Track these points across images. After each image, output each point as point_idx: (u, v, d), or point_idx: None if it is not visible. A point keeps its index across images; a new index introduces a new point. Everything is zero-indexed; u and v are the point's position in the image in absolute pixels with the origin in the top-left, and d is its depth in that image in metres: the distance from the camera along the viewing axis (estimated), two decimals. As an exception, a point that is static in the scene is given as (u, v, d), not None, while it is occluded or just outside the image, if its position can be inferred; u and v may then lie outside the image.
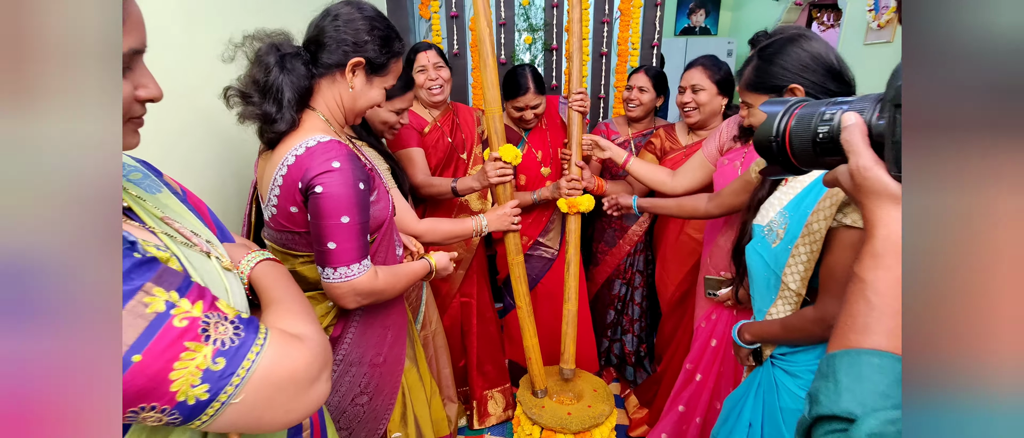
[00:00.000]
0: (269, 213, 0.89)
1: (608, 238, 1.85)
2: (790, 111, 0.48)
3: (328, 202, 0.78)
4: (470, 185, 1.41)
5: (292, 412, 0.47)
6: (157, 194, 0.56)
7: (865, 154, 0.40)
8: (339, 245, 0.80)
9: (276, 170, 0.83)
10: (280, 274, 0.63)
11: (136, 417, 0.41)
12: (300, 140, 0.82)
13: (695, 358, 1.44)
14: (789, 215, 0.95)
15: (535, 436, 1.52)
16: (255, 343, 0.45)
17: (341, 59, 0.86)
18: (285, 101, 0.83)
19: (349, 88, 0.88)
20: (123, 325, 0.38)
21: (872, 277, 0.38)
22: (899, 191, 0.38)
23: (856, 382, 0.35)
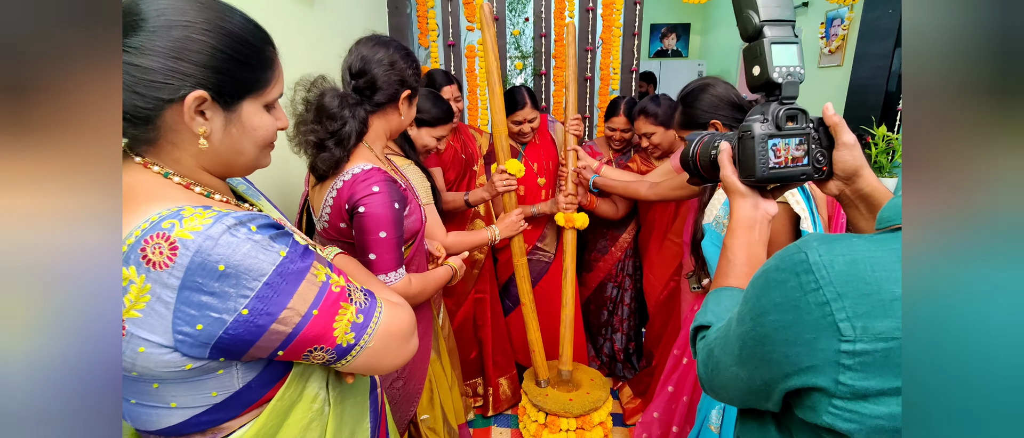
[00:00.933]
0: (321, 226, 1.04)
1: (600, 247, 2.06)
2: (699, 141, 0.73)
3: (369, 220, 0.92)
4: (481, 196, 1.61)
5: (398, 358, 0.63)
6: (259, 201, 0.72)
7: (727, 167, 0.63)
8: (379, 256, 0.93)
9: (327, 193, 0.97)
10: (357, 263, 0.81)
11: (309, 356, 0.56)
12: (348, 168, 0.95)
13: (682, 344, 1.64)
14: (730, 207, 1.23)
15: (540, 421, 1.70)
16: (377, 306, 0.60)
17: (393, 96, 1.00)
18: (350, 145, 0.96)
19: (399, 117, 1.03)
20: (303, 290, 0.52)
21: (729, 243, 0.62)
22: (742, 189, 0.61)
23: (715, 306, 0.57)
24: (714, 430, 1.28)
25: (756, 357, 0.46)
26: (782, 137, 0.58)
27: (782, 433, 0.51)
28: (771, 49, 0.58)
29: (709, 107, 1.26)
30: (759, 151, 0.58)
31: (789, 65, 0.58)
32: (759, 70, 0.58)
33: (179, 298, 0.48)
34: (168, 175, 0.55)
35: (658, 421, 1.69)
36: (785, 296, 0.41)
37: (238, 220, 0.50)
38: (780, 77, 0.57)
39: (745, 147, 0.59)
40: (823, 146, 0.61)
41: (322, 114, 0.95)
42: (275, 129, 0.62)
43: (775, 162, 0.58)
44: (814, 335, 0.39)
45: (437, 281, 1.16)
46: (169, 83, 0.50)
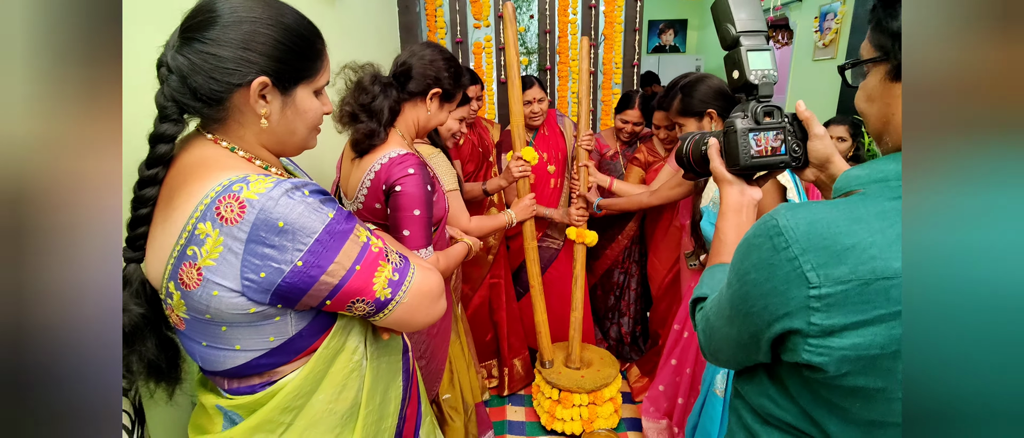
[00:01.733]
0: (355, 207, 1.13)
1: (608, 235, 2.17)
2: (690, 139, 0.83)
3: (405, 198, 1.00)
4: (498, 184, 1.72)
5: (428, 316, 0.71)
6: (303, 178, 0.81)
7: (715, 159, 0.73)
8: (412, 233, 1.01)
9: (365, 174, 1.05)
10: (390, 238, 0.89)
11: (352, 307, 0.64)
12: (384, 151, 1.05)
13: (682, 319, 1.76)
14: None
15: (554, 398, 1.81)
16: (411, 267, 0.68)
17: (424, 89, 1.11)
18: (384, 121, 1.07)
19: (426, 111, 1.14)
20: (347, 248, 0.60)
21: (721, 225, 0.71)
22: (729, 177, 0.70)
23: (709, 279, 0.67)
24: (720, 394, 1.40)
25: (742, 313, 0.52)
26: (761, 130, 0.69)
27: (773, 380, 0.59)
28: (747, 55, 0.68)
29: (705, 97, 1.38)
30: (742, 143, 0.68)
31: (764, 68, 0.68)
32: (738, 74, 0.69)
33: (246, 249, 0.56)
34: (234, 149, 0.65)
35: (664, 394, 1.80)
36: (761, 257, 0.48)
37: (294, 185, 0.59)
38: (756, 79, 0.68)
39: (729, 140, 0.70)
40: (798, 138, 0.71)
41: (358, 89, 1.07)
42: (322, 113, 0.71)
43: (756, 151, 0.69)
44: (787, 286, 0.46)
45: (457, 258, 1.22)
46: (239, 69, 0.59)
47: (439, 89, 1.13)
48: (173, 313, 0.64)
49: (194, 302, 0.60)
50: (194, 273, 0.58)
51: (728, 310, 0.55)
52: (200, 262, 0.57)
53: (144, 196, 0.61)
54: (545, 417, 1.84)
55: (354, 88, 1.09)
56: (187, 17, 0.61)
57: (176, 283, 0.59)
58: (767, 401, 0.57)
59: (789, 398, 0.54)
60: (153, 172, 0.61)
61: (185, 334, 0.66)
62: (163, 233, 0.60)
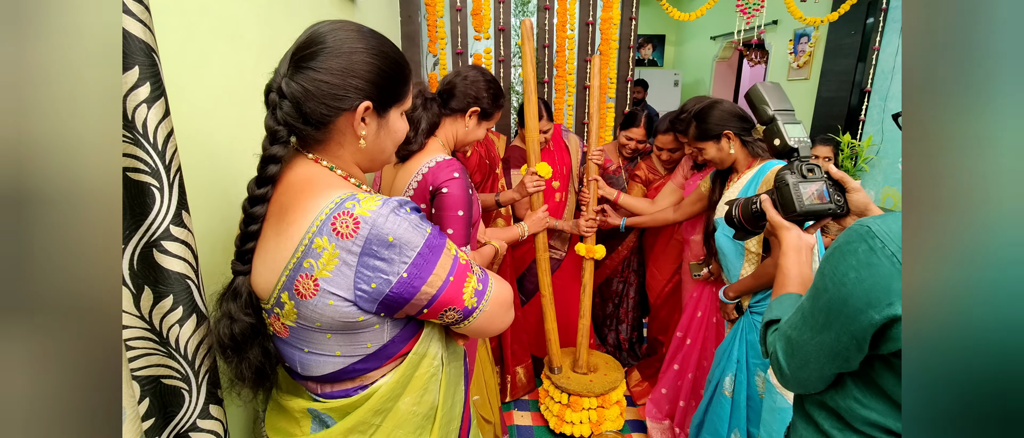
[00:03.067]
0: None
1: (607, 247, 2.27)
2: (737, 205, 0.99)
3: (450, 200, 1.08)
4: (511, 197, 1.79)
5: (503, 323, 0.77)
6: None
7: (772, 210, 0.87)
8: (455, 232, 1.08)
9: (412, 177, 1.13)
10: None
11: (444, 315, 0.68)
12: (430, 156, 1.14)
13: (684, 327, 1.88)
14: None
15: (563, 402, 1.88)
16: (490, 279, 0.73)
17: (464, 107, 1.22)
18: (421, 130, 1.18)
19: (465, 126, 1.25)
20: (443, 261, 0.66)
21: (783, 264, 0.83)
22: (788, 224, 0.84)
23: (780, 306, 0.78)
24: (727, 395, 1.51)
25: (842, 316, 0.59)
26: (808, 182, 0.84)
27: (861, 382, 0.64)
28: (784, 127, 0.89)
29: (720, 120, 1.50)
30: (795, 193, 0.83)
31: (799, 136, 0.88)
32: (779, 141, 0.89)
33: (359, 262, 0.61)
34: (333, 168, 0.71)
35: (666, 397, 1.92)
36: (859, 259, 0.56)
37: (400, 203, 0.64)
38: (795, 144, 0.88)
39: (783, 193, 0.85)
40: (838, 190, 0.86)
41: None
42: (406, 130, 0.78)
43: (807, 200, 0.83)
44: (889, 279, 0.54)
45: (485, 258, 1.32)
46: (347, 95, 0.65)
47: (478, 108, 1.24)
48: (278, 321, 0.68)
49: (308, 311, 0.64)
50: (310, 284, 0.63)
51: (823, 318, 0.62)
52: (316, 273, 0.62)
53: (255, 213, 0.66)
54: (554, 421, 1.91)
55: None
56: (299, 47, 0.66)
57: (290, 293, 0.64)
58: (854, 403, 0.64)
59: (879, 395, 0.62)
60: (263, 191, 0.66)
61: (286, 341, 0.70)
62: (276, 248, 0.65)
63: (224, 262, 0.87)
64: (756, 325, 1.46)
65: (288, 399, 0.76)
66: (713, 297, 1.81)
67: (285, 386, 0.79)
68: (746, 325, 1.48)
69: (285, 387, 0.79)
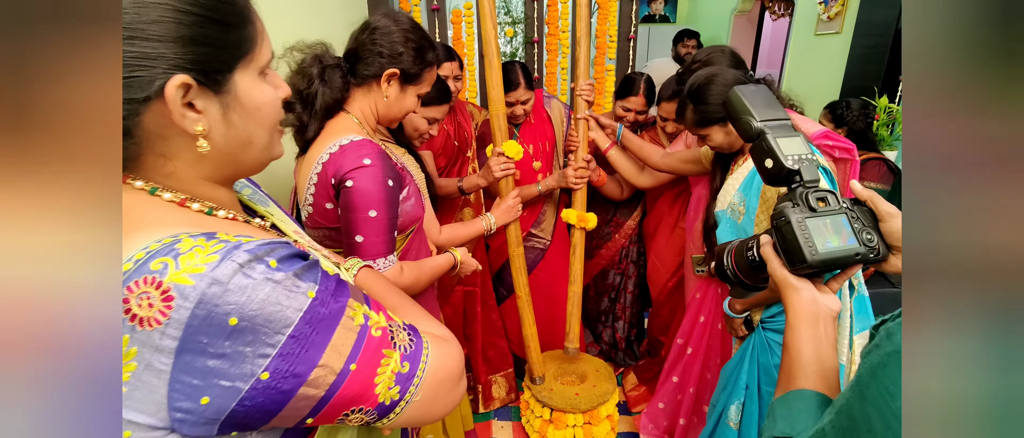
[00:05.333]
0: (306, 213, 0.96)
1: (604, 233, 2.00)
2: (729, 251, 0.71)
3: (358, 196, 0.85)
4: (476, 182, 1.51)
5: (447, 405, 0.53)
6: (268, 208, 0.61)
7: (773, 260, 0.59)
8: (367, 239, 0.86)
9: (312, 168, 0.90)
10: (385, 280, 0.69)
11: (345, 420, 0.46)
12: (334, 139, 0.89)
13: (685, 333, 1.62)
14: (744, 194, 1.19)
15: (545, 417, 1.65)
16: (424, 347, 0.50)
17: (376, 71, 0.94)
18: (317, 108, 0.92)
19: (384, 97, 0.96)
20: (338, 340, 0.43)
21: (792, 342, 0.56)
22: (794, 281, 0.57)
23: (787, 412, 0.51)
24: (733, 426, 1.26)
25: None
26: (820, 217, 0.57)
27: None
28: (777, 142, 0.61)
29: (723, 96, 1.17)
30: (801, 235, 0.56)
31: (798, 153, 0.60)
32: (772, 162, 0.61)
33: (177, 365, 0.38)
34: (155, 191, 0.45)
35: (664, 412, 1.68)
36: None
37: (252, 255, 0.40)
38: (794, 163, 0.60)
39: (784, 234, 0.58)
40: (866, 224, 0.59)
41: (297, 73, 0.93)
42: (279, 101, 0.51)
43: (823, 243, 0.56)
44: None
45: (433, 269, 1.06)
46: (135, 75, 0.39)
47: (396, 69, 0.95)
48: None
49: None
50: None
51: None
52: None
53: None
54: (535, 436, 1.69)
55: (294, 72, 0.94)
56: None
57: None
58: None
59: None
60: None
61: None
62: None
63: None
64: (771, 346, 1.18)
65: None
66: (718, 299, 1.53)
67: None
68: (758, 344, 1.21)
69: None
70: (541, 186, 1.74)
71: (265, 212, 0.58)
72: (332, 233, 0.96)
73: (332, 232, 0.96)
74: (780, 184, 0.62)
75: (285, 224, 0.61)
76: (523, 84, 1.68)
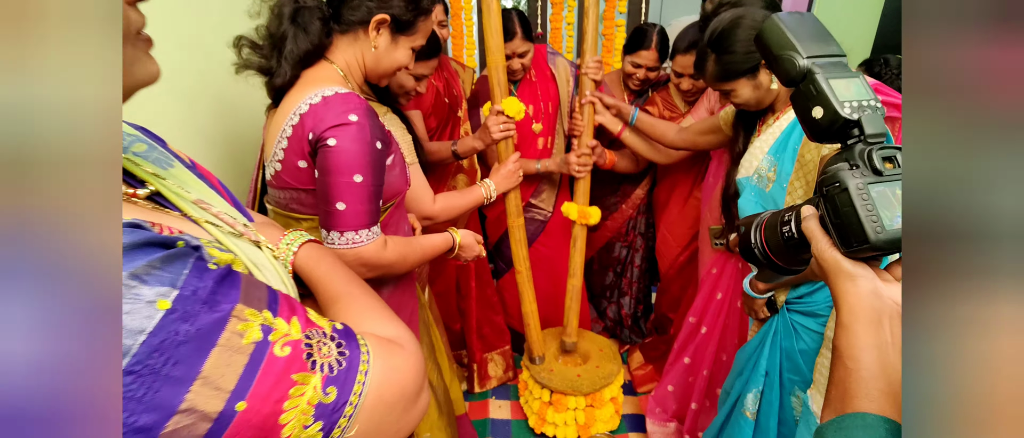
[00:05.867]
0: (273, 169, 0.83)
1: (610, 203, 1.86)
2: (758, 225, 0.55)
3: (341, 157, 0.74)
4: (471, 146, 1.37)
5: (401, 430, 0.42)
6: (171, 169, 0.48)
7: (821, 239, 0.43)
8: (349, 206, 0.76)
9: (286, 120, 0.77)
10: (333, 259, 0.56)
11: None
12: (316, 89, 0.77)
13: (699, 311, 1.50)
14: (775, 157, 1.03)
15: (545, 399, 1.56)
16: (360, 360, 0.39)
17: (364, 16, 0.81)
18: (287, 54, 0.79)
19: (372, 47, 0.84)
20: (215, 366, 0.31)
21: (846, 347, 0.42)
22: (850, 266, 0.42)
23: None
24: (750, 416, 1.15)
25: None
26: (885, 183, 0.43)
27: None
28: (830, 84, 0.47)
29: (750, 46, 1.00)
30: (862, 208, 0.42)
31: (858, 99, 0.47)
32: (822, 110, 0.47)
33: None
34: None
35: (673, 395, 1.58)
36: None
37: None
38: (853, 112, 0.46)
39: (838, 205, 0.44)
40: None
41: (272, 13, 0.82)
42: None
43: (891, 218, 0.42)
44: None
45: (426, 250, 0.95)
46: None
47: (386, 15, 0.82)
48: None
49: None
50: None
51: None
52: None
53: None
54: (534, 419, 1.61)
55: (270, 10, 0.82)
56: None
57: None
58: None
59: None
60: None
61: None
62: None
63: None
64: (796, 329, 1.06)
65: None
66: (737, 274, 1.40)
67: None
68: (781, 328, 1.09)
69: None
70: (540, 166, 1.59)
71: (151, 175, 0.44)
72: (300, 196, 0.84)
73: (301, 194, 0.84)
74: (832, 140, 0.47)
75: (183, 181, 0.47)
76: (520, 34, 1.51)
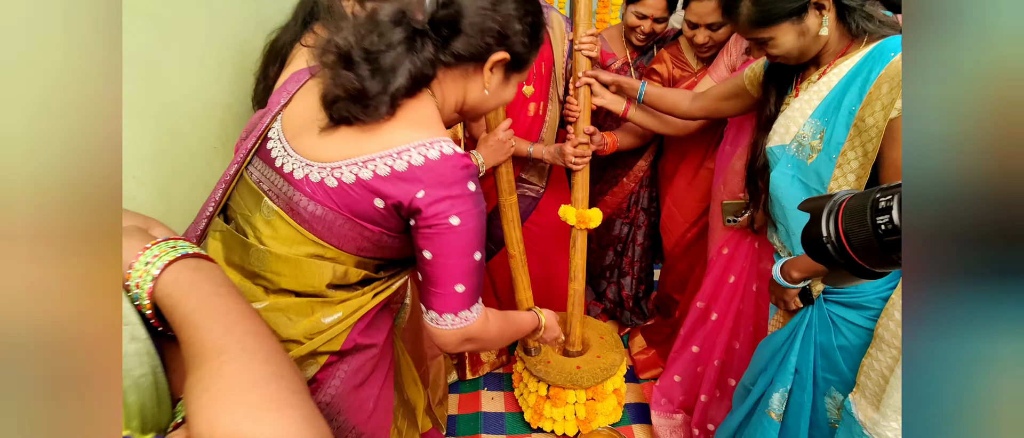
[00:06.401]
0: (318, 176, 0.65)
1: (610, 176, 1.69)
2: (836, 207, 0.43)
3: (465, 237, 0.64)
4: (450, 112, 1.17)
5: None
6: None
7: None
8: (468, 287, 0.67)
9: (380, 147, 0.63)
10: (213, 287, 0.39)
11: None
12: (425, 134, 0.64)
13: (708, 295, 1.36)
14: (824, 121, 0.87)
15: (541, 393, 1.43)
16: None
17: (480, 53, 0.67)
18: (395, 88, 0.63)
19: (483, 89, 0.71)
20: None
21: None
22: None
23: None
24: (775, 418, 1.02)
25: None
26: None
27: None
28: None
29: None
30: None
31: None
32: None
33: None
34: None
35: (680, 385, 1.45)
36: None
37: None
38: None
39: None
40: None
41: (369, 23, 0.64)
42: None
43: None
44: None
45: (517, 328, 0.88)
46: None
47: (507, 55, 0.69)
48: None
49: None
50: None
51: None
52: None
53: None
54: (530, 413, 1.48)
55: (364, 20, 0.65)
56: None
57: None
58: None
59: None
60: None
61: None
62: None
63: None
64: (835, 323, 0.92)
65: None
66: (752, 255, 1.26)
67: None
68: (816, 321, 0.95)
69: None
70: (532, 150, 1.40)
71: None
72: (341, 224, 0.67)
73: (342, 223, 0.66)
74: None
75: None
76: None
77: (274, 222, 0.68)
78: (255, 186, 0.71)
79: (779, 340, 1.02)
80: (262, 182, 0.70)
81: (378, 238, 0.68)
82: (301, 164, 0.66)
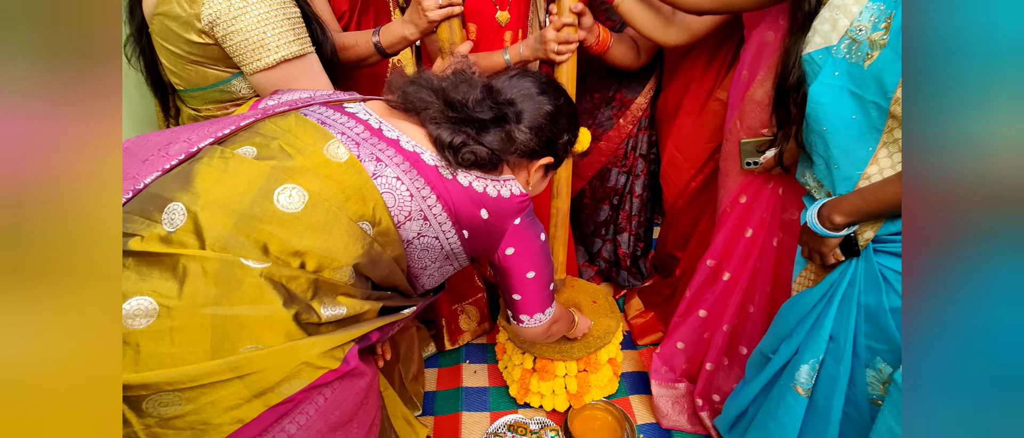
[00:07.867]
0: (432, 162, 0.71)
1: (604, 118, 1.47)
2: None
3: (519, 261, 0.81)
4: (401, 33, 0.96)
5: None
6: None
7: None
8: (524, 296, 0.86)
9: (500, 189, 0.74)
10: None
11: None
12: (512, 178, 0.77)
13: (719, 252, 1.18)
14: (890, 4, 0.64)
15: (527, 366, 1.27)
16: None
17: (532, 151, 0.77)
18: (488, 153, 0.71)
19: (528, 184, 0.81)
20: None
21: None
22: None
23: None
24: (802, 393, 0.85)
25: None
26: None
27: None
28: None
29: None
30: None
31: None
32: None
33: None
34: None
35: (683, 353, 1.29)
36: None
37: None
38: None
39: None
40: None
41: (460, 81, 0.73)
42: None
43: None
44: None
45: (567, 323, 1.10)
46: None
47: (552, 159, 0.80)
48: None
49: None
50: None
51: None
52: None
53: None
54: (515, 387, 1.32)
55: (452, 75, 0.74)
56: None
57: None
58: None
59: None
60: None
61: None
62: None
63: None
64: (887, 279, 0.73)
65: None
66: (775, 203, 1.08)
67: None
68: (862, 277, 0.76)
69: None
70: (508, 54, 1.16)
71: None
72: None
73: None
74: None
75: None
76: None
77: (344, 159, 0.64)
78: (317, 124, 0.68)
79: (809, 302, 0.84)
80: (330, 125, 0.68)
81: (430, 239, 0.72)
82: (410, 142, 0.69)
